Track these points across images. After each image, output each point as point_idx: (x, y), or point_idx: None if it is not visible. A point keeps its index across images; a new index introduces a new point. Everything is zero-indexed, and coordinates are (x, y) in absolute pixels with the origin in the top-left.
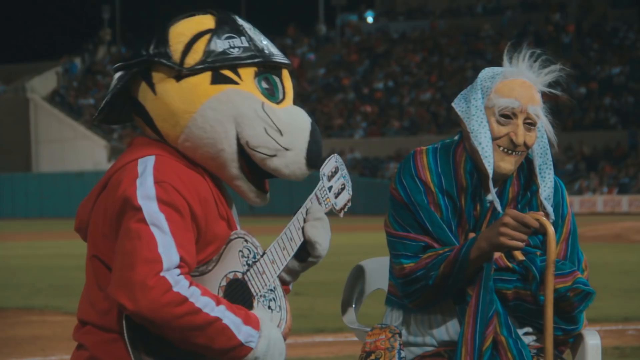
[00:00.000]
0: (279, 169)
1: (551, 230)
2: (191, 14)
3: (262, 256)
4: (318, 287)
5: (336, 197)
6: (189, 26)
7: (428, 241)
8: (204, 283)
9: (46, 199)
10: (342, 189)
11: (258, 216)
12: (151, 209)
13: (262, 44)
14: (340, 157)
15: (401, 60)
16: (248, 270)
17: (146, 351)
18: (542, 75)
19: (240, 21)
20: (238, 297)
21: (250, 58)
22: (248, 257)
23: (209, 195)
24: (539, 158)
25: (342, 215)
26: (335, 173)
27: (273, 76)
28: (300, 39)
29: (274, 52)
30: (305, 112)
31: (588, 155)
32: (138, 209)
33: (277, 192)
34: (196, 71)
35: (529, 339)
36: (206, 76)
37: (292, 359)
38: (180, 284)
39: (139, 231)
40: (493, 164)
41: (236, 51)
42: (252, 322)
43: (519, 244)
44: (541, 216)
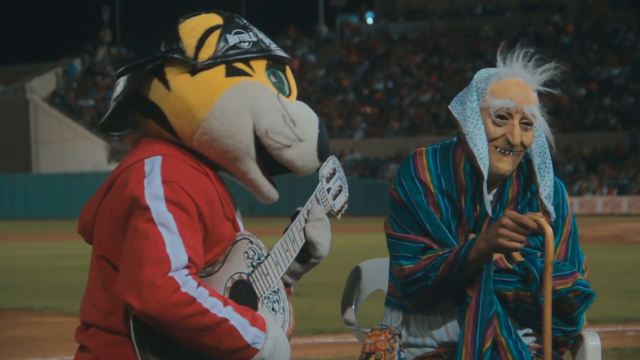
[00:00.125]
0: (293, 160)
1: (549, 231)
2: (196, 14)
3: (267, 258)
4: (318, 288)
5: (334, 199)
6: (199, 22)
7: (428, 242)
8: (210, 284)
9: (46, 200)
10: (340, 191)
11: (258, 217)
12: (159, 209)
13: (267, 41)
14: (337, 159)
15: (401, 61)
16: (253, 271)
17: (153, 352)
18: (537, 74)
19: (244, 19)
20: (243, 299)
21: (260, 52)
22: (253, 259)
23: (215, 195)
24: (538, 157)
25: (340, 217)
26: (333, 175)
27: (279, 71)
28: (300, 40)
29: (279, 48)
30: (310, 107)
31: (588, 156)
32: (146, 209)
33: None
34: (210, 65)
35: (529, 340)
36: (220, 69)
37: None
38: (188, 285)
39: (147, 231)
40: (488, 166)
41: (246, 45)
42: (259, 324)
43: (518, 245)
44: (540, 217)
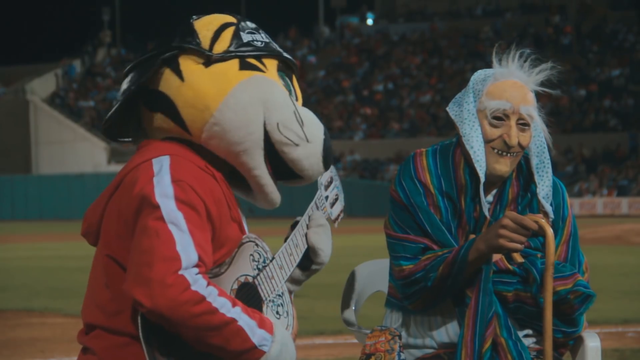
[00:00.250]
0: (300, 160)
1: (550, 232)
2: (209, 14)
3: (271, 261)
4: (318, 289)
5: (331, 207)
6: (214, 18)
7: (427, 243)
8: (217, 285)
9: (46, 201)
10: (336, 200)
11: (258, 218)
12: (169, 207)
13: (276, 45)
14: (334, 168)
15: (401, 62)
16: (258, 274)
17: (160, 350)
18: (534, 74)
19: (254, 24)
20: (248, 301)
21: (272, 51)
22: (258, 262)
23: (222, 197)
24: (536, 157)
25: (337, 225)
26: (330, 183)
27: (286, 77)
28: (300, 41)
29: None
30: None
31: (588, 157)
32: (156, 207)
33: None
34: (225, 58)
35: (529, 341)
36: (234, 63)
37: None
38: (198, 283)
39: (157, 229)
40: (485, 168)
41: (259, 44)
42: (267, 326)
43: (518, 246)
44: (540, 218)
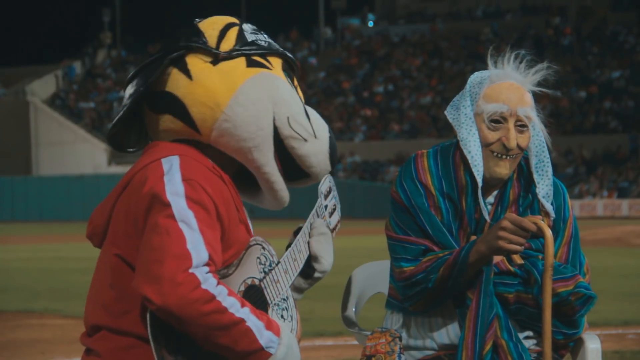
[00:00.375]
0: (308, 156)
1: (549, 234)
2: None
3: (277, 265)
4: (318, 291)
5: (330, 217)
6: (218, 18)
7: (428, 244)
8: None
9: (46, 202)
10: (334, 210)
11: (258, 219)
12: (180, 206)
13: (277, 45)
14: (332, 179)
15: (401, 63)
16: (264, 277)
17: (168, 349)
18: (530, 75)
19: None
20: (255, 304)
21: (276, 51)
22: (265, 265)
23: (230, 198)
24: (535, 157)
25: (334, 235)
26: (329, 193)
27: (289, 78)
28: (300, 43)
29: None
30: None
31: (588, 159)
32: (167, 205)
33: None
34: (232, 56)
35: (530, 343)
36: (241, 61)
37: None
38: (208, 282)
39: (168, 227)
40: (482, 173)
41: (263, 43)
42: (274, 328)
43: (518, 248)
44: (540, 220)
